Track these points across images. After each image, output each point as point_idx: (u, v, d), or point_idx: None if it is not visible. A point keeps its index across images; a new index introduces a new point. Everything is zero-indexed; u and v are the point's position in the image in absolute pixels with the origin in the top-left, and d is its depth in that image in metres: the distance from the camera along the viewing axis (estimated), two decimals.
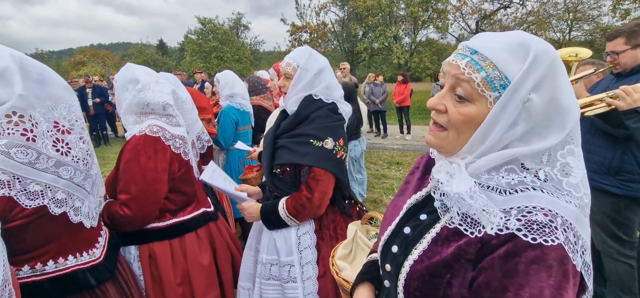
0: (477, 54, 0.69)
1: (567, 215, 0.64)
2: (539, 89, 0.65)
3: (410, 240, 0.82)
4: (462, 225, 0.72)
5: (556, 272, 0.62)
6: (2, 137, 1.01)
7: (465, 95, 0.70)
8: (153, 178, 1.55)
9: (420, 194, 0.91)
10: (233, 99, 3.25)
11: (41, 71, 1.11)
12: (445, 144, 0.75)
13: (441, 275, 0.72)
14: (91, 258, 1.28)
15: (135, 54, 31.85)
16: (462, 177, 0.70)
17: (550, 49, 0.67)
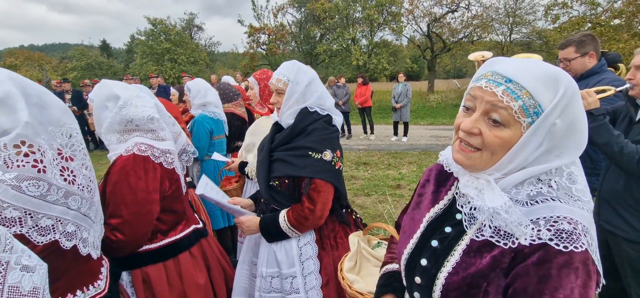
0: (512, 83, 0.75)
1: (584, 222, 0.74)
2: (564, 116, 0.74)
3: (440, 253, 0.87)
4: (493, 237, 0.78)
5: (582, 273, 0.71)
6: (12, 169, 0.91)
7: (501, 120, 0.76)
8: (145, 199, 1.47)
9: (438, 207, 0.96)
10: (206, 107, 3.15)
11: (40, 94, 1.02)
12: (478, 163, 0.81)
13: (478, 285, 0.78)
14: (97, 291, 1.19)
15: (76, 57, 29.24)
16: (495, 193, 0.77)
17: (573, 81, 0.76)
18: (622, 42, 13.48)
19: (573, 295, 0.70)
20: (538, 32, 18.99)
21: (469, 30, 20.01)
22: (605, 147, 1.79)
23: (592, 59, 2.46)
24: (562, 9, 16.77)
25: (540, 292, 0.71)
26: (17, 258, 0.75)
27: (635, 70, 1.75)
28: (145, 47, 25.74)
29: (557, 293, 0.70)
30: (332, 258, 1.64)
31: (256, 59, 23.02)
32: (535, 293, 0.72)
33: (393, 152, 8.14)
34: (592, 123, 1.89)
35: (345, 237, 1.68)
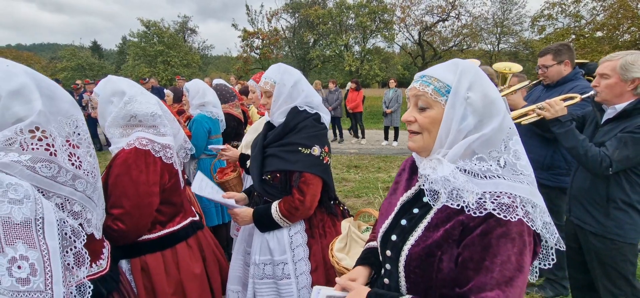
0: (424, 76, 0.99)
1: (523, 194, 0.89)
2: (473, 89, 0.93)
3: (407, 230, 1.02)
4: (448, 201, 0.93)
5: (518, 243, 0.87)
6: (27, 152, 1.01)
7: (424, 105, 0.98)
8: (145, 192, 1.57)
9: (411, 192, 1.10)
10: (204, 107, 3.25)
11: (50, 86, 1.12)
12: (422, 143, 1.00)
13: (434, 254, 0.93)
14: (99, 269, 1.28)
15: (67, 57, 28.91)
16: (444, 166, 0.93)
17: (471, 64, 0.97)
18: (603, 54, 13.98)
19: (510, 260, 0.85)
20: (525, 42, 19.57)
21: (459, 39, 20.45)
22: (572, 151, 1.95)
23: (567, 66, 2.64)
24: (548, 20, 17.34)
25: (483, 258, 0.86)
26: (3, 192, 0.83)
27: (599, 78, 1.92)
28: (137, 48, 25.63)
29: (495, 258, 0.85)
30: (321, 246, 1.75)
31: (250, 62, 23.14)
32: (479, 260, 0.87)
33: (383, 156, 8.31)
34: (559, 129, 2.05)
35: (333, 226, 1.81)
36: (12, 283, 0.73)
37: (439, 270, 0.93)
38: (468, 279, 0.88)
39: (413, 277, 0.98)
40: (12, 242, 0.75)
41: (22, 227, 0.77)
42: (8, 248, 0.72)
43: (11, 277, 0.73)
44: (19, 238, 0.77)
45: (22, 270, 0.75)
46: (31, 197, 0.82)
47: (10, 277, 0.73)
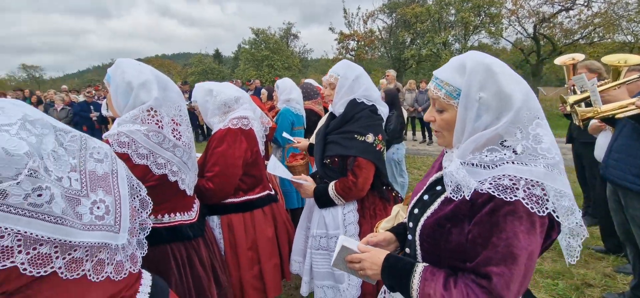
0: (437, 79, 1.05)
1: (532, 177, 0.91)
2: (485, 89, 0.96)
3: (426, 204, 1.13)
4: (452, 194, 1.02)
5: (526, 221, 0.90)
6: (144, 124, 1.49)
7: (440, 108, 1.06)
8: (232, 163, 2.00)
9: (439, 174, 1.21)
10: (289, 103, 3.71)
11: (165, 81, 1.60)
12: (443, 140, 1.10)
13: (443, 225, 1.03)
14: (190, 218, 1.74)
15: (195, 63, 34.55)
16: (453, 161, 1.02)
17: (481, 61, 0.98)
18: None
19: (517, 237, 0.89)
20: None
21: (587, 31, 17.30)
22: None
23: None
24: None
25: (490, 235, 0.92)
26: (90, 154, 1.05)
27: None
28: (248, 54, 28.99)
29: (501, 235, 0.90)
30: (371, 227, 1.93)
31: None
32: (487, 237, 0.93)
33: None
34: None
35: (384, 210, 1.96)
36: (91, 219, 0.98)
37: (448, 241, 1.02)
38: (477, 254, 0.95)
39: (426, 246, 1.10)
40: (95, 190, 1.01)
41: (102, 179, 1.05)
42: (91, 194, 1.00)
43: (91, 214, 0.99)
44: (100, 187, 1.03)
45: (100, 210, 1.00)
46: (109, 157, 1.11)
47: (91, 214, 0.99)
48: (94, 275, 0.99)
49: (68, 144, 0.99)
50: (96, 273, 1.00)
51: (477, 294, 0.93)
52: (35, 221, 0.83)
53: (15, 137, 0.83)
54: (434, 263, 1.09)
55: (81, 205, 0.95)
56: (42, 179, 0.84)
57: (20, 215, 0.81)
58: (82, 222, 0.94)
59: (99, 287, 0.99)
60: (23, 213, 0.81)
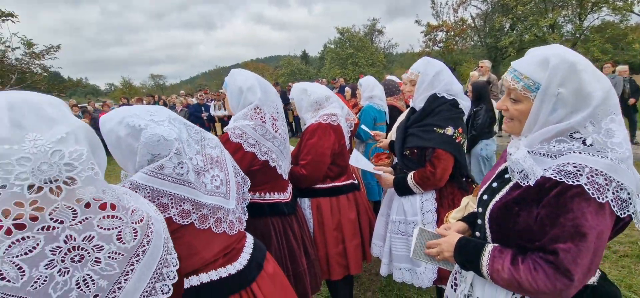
0: (516, 71, 1.09)
1: (597, 166, 0.94)
2: (565, 85, 0.99)
3: (495, 190, 1.21)
4: (518, 180, 1.08)
5: (594, 203, 0.94)
6: (252, 120, 1.86)
7: (515, 98, 1.10)
8: (322, 152, 2.28)
9: (506, 164, 1.27)
10: (372, 99, 3.88)
11: (265, 84, 1.95)
12: (512, 128, 1.16)
13: (511, 208, 1.11)
14: (285, 197, 2.08)
15: (284, 65, 37.01)
16: (520, 149, 1.09)
17: (566, 58, 0.99)
18: None
19: (585, 217, 0.94)
20: None
21: None
22: None
23: None
24: None
25: (558, 215, 0.98)
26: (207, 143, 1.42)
27: None
28: (333, 53, 29.84)
29: (568, 215, 0.96)
30: None
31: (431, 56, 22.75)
32: (555, 217, 0.99)
33: None
34: None
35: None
36: (212, 188, 1.37)
37: (515, 223, 1.10)
38: (545, 233, 1.02)
39: (494, 227, 1.19)
40: (212, 167, 1.39)
41: (216, 160, 1.43)
42: (211, 170, 1.37)
43: (211, 184, 1.37)
44: (216, 165, 1.41)
45: (216, 181, 1.39)
46: (219, 145, 1.49)
47: (211, 184, 1.37)
48: (215, 228, 1.37)
49: (194, 135, 1.39)
50: (217, 227, 1.38)
51: (544, 268, 1.00)
52: (180, 186, 1.23)
53: (167, 127, 1.23)
54: (502, 244, 1.17)
55: (205, 177, 1.34)
56: (182, 156, 1.23)
57: (170, 181, 1.21)
58: (205, 189, 1.33)
59: (218, 237, 1.38)
60: (172, 180, 1.21)
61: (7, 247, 0.67)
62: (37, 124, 0.73)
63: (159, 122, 1.22)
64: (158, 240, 0.92)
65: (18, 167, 0.67)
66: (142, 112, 1.22)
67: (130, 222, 0.85)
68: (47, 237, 0.71)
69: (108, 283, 0.78)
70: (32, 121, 0.72)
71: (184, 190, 1.24)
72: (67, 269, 0.73)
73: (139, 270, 0.84)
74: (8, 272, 0.67)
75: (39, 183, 0.70)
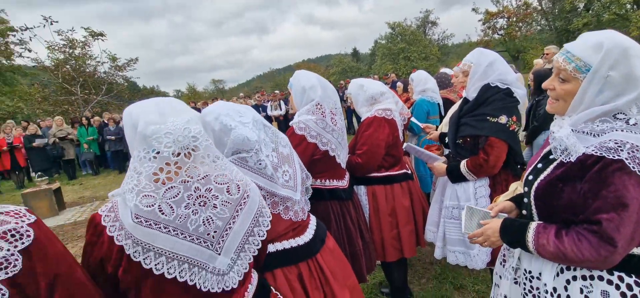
0: (569, 53, 1.14)
1: (638, 143, 1.00)
2: (616, 68, 1.04)
3: (539, 170, 1.29)
4: (561, 157, 1.16)
5: (636, 177, 1.01)
6: (314, 115, 2.10)
7: (564, 78, 1.16)
8: (376, 143, 2.45)
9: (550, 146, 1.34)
10: (425, 93, 3.93)
11: (325, 83, 2.18)
12: (557, 109, 1.22)
13: (555, 185, 1.19)
14: (343, 184, 2.29)
15: (335, 64, 37.39)
16: (564, 128, 1.16)
17: (620, 43, 1.04)
18: None
19: (626, 189, 1.01)
20: None
21: None
22: None
23: None
24: None
25: (600, 188, 1.06)
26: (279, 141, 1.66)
27: None
28: (384, 49, 29.43)
29: (610, 187, 1.03)
30: None
31: (490, 46, 21.39)
32: (598, 191, 1.06)
33: None
34: None
35: None
36: (283, 181, 1.62)
37: (560, 198, 1.17)
38: (588, 206, 1.09)
39: (539, 204, 1.27)
40: (284, 164, 1.63)
41: (287, 158, 1.67)
42: (283, 166, 1.61)
43: (283, 178, 1.61)
44: (286, 162, 1.65)
45: (286, 176, 1.63)
46: (288, 144, 1.73)
47: (283, 178, 1.61)
48: (283, 215, 1.61)
49: (270, 135, 1.65)
50: (285, 213, 1.62)
51: (588, 238, 1.08)
52: (260, 177, 1.49)
53: (251, 129, 1.49)
54: (547, 220, 1.25)
55: (278, 172, 1.59)
56: (261, 154, 1.49)
57: (253, 172, 1.48)
58: (279, 182, 1.57)
59: (285, 221, 1.63)
60: (253, 171, 1.48)
61: (164, 193, 0.99)
62: (173, 112, 1.06)
63: (245, 123, 1.50)
64: (255, 196, 1.20)
65: (165, 139, 1.00)
66: (233, 112, 1.51)
67: (235, 180, 1.14)
68: (185, 187, 1.02)
69: (222, 223, 1.08)
70: (170, 111, 1.06)
71: (262, 181, 1.51)
72: (197, 210, 1.03)
73: (242, 216, 1.13)
74: (165, 209, 0.99)
75: (178, 150, 1.01)
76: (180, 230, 1.00)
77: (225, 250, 1.10)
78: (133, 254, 0.95)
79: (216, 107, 1.54)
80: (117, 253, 0.97)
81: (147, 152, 0.99)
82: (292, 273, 1.57)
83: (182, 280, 1.00)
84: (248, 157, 1.48)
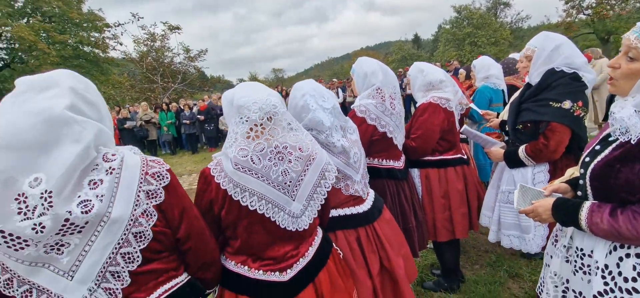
0: None
1: None
2: None
3: (597, 152, 1.31)
4: (620, 136, 1.18)
5: None
6: (374, 99, 2.26)
7: (634, 56, 1.17)
8: (431, 128, 2.54)
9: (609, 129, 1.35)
10: (488, 79, 3.83)
11: (386, 69, 2.31)
12: (619, 89, 1.24)
13: (612, 165, 1.20)
14: (399, 165, 2.43)
15: (395, 51, 36.42)
16: (626, 108, 1.17)
17: None
18: None
19: None
20: None
21: None
22: None
23: None
24: None
25: None
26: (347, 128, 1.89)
27: None
28: (448, 34, 27.86)
29: None
30: None
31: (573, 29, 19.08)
32: None
33: None
34: None
35: None
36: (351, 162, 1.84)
37: (616, 179, 1.19)
38: None
39: (595, 184, 1.29)
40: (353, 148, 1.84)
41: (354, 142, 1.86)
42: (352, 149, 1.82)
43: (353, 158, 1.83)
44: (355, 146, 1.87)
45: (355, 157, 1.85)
46: (356, 130, 1.93)
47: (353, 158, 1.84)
48: (344, 191, 1.82)
49: (342, 122, 1.85)
50: (345, 190, 1.83)
51: None
52: (332, 156, 1.70)
53: (327, 115, 1.71)
54: (601, 201, 1.28)
55: (349, 153, 1.79)
56: (332, 138, 1.71)
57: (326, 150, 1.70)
58: (348, 163, 1.78)
59: (344, 196, 1.83)
60: (324, 147, 1.70)
61: (254, 147, 1.28)
62: (257, 89, 1.36)
63: (325, 109, 1.74)
64: (322, 155, 1.45)
65: (253, 107, 1.30)
66: (318, 95, 1.75)
67: (306, 141, 1.40)
68: (268, 143, 1.30)
69: (296, 175, 1.35)
70: (257, 89, 1.36)
71: (335, 161, 1.73)
72: (276, 163, 1.31)
73: (311, 170, 1.39)
74: (254, 160, 1.28)
75: (263, 115, 1.30)
76: (266, 177, 1.28)
77: (298, 197, 1.36)
78: (233, 194, 1.25)
79: (305, 84, 1.80)
80: (222, 197, 1.28)
81: (240, 118, 1.30)
82: (351, 235, 1.80)
83: (267, 217, 1.29)
84: (319, 136, 1.72)
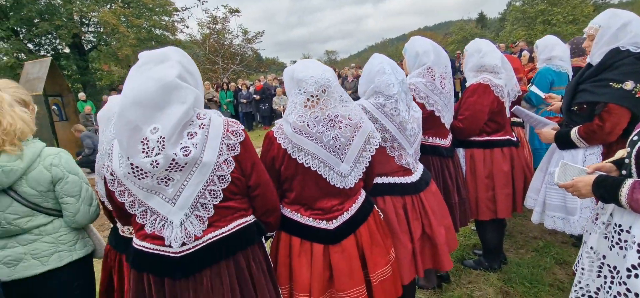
0: None
1: None
2: None
3: None
4: None
5: None
6: (424, 78, 2.35)
7: None
8: (479, 109, 2.55)
9: None
10: (551, 61, 3.61)
11: (438, 49, 2.36)
12: None
13: None
14: (445, 143, 2.49)
15: (455, 32, 34.28)
16: None
17: None
18: None
19: None
20: None
21: None
22: None
23: None
24: None
25: None
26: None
27: None
28: (518, 12, 25.48)
29: None
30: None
31: None
32: None
33: None
34: None
35: None
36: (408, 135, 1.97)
37: None
38: None
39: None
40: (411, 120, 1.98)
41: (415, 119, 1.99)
42: (409, 123, 1.97)
43: (410, 132, 1.96)
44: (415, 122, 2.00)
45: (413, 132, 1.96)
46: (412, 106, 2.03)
47: (410, 131, 1.96)
48: (397, 160, 1.98)
49: (408, 100, 1.99)
50: (398, 160, 1.98)
51: None
52: (389, 122, 1.88)
53: (398, 85, 1.87)
54: None
55: (407, 125, 1.94)
56: (398, 103, 1.86)
57: (385, 117, 1.88)
58: (405, 134, 1.92)
59: (396, 166, 1.98)
60: (386, 116, 1.88)
61: (309, 114, 1.51)
62: (314, 66, 1.58)
63: (397, 78, 1.90)
64: (367, 124, 1.64)
65: (310, 79, 1.51)
66: (395, 68, 1.92)
67: (354, 111, 1.59)
68: (321, 112, 1.52)
69: (345, 139, 1.55)
70: (314, 65, 1.58)
71: (390, 126, 1.91)
72: (328, 129, 1.51)
73: (358, 136, 1.59)
74: (310, 125, 1.50)
75: (318, 87, 1.51)
76: (319, 140, 1.51)
77: (346, 159, 1.57)
78: (292, 153, 1.50)
79: (385, 57, 1.99)
80: (282, 155, 1.54)
81: (299, 90, 1.53)
82: (398, 202, 2.00)
83: (319, 174, 1.52)
84: (387, 102, 1.89)
